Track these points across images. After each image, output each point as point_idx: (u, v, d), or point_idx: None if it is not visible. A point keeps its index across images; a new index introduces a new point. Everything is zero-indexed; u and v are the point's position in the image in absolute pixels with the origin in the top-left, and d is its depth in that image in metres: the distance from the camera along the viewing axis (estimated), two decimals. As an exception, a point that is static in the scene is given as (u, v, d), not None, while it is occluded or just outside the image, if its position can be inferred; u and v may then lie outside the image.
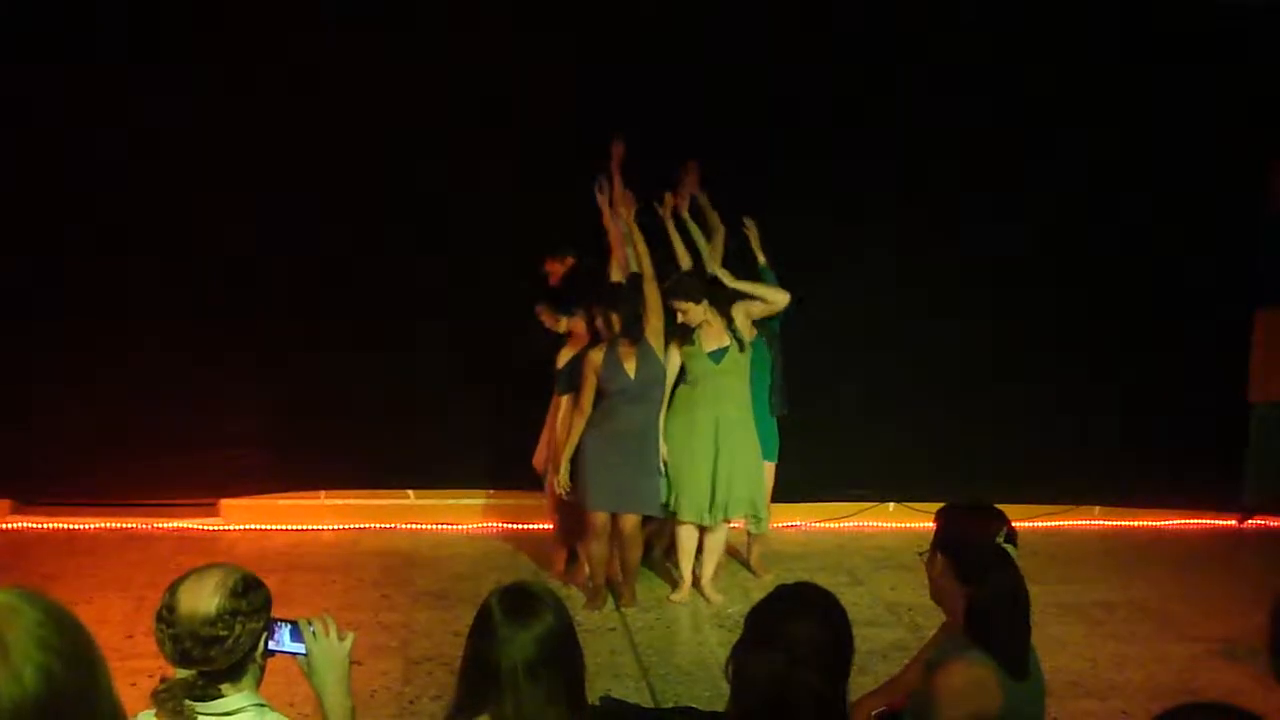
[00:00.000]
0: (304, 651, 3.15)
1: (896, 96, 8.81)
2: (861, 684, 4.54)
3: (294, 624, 3.16)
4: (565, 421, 7.68)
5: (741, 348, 7.56)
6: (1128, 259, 9.20)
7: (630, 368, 7.34)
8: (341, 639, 3.19)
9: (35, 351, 8.27)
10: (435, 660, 6.56)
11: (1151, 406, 9.26)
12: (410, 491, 9.06)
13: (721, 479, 7.52)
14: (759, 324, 7.72)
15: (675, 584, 7.82)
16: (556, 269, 8.02)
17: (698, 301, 7.44)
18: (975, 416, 9.12)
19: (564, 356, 7.81)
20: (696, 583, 7.81)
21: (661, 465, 7.57)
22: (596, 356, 7.40)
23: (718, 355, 7.51)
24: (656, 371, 7.41)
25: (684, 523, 7.63)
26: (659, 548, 8.18)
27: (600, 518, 7.46)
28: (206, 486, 8.78)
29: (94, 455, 8.45)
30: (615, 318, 7.27)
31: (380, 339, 8.56)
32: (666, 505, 7.62)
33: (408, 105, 8.33)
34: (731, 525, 7.85)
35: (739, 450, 7.56)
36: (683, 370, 7.61)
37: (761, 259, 8.01)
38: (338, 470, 8.86)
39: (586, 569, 7.72)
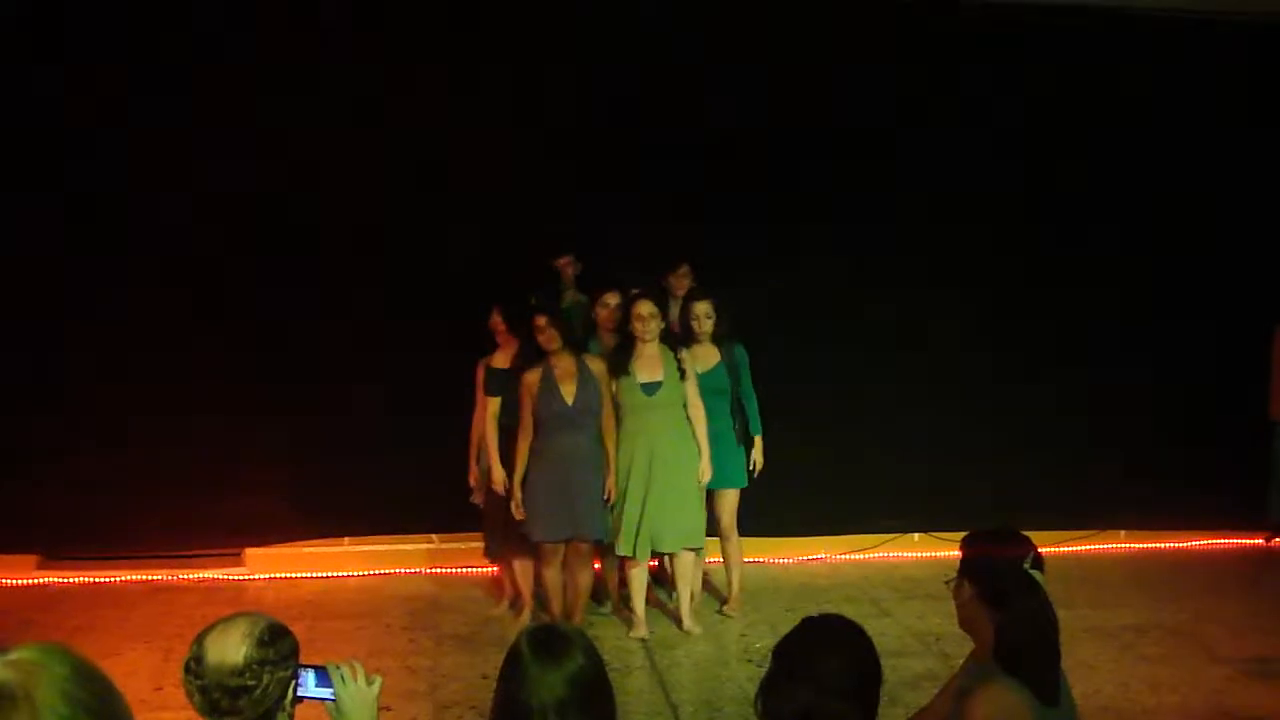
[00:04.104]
0: (332, 697, 3.14)
1: (895, 108, 8.86)
2: (892, 715, 4.52)
3: (322, 669, 3.16)
4: (483, 427, 7.75)
5: (683, 376, 7.52)
6: (1149, 282, 9.21)
7: (568, 392, 7.31)
8: (370, 683, 3.18)
9: (57, 406, 8.29)
10: (464, 704, 6.54)
11: (1175, 427, 9.23)
12: (434, 535, 9.06)
13: (650, 513, 7.47)
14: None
15: (677, 620, 7.82)
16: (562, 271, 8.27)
17: (661, 319, 7.48)
18: (999, 444, 9.10)
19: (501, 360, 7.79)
20: (676, 617, 7.85)
21: (608, 494, 7.53)
22: (532, 379, 7.35)
23: (651, 388, 7.48)
24: (594, 400, 7.35)
25: (621, 556, 7.63)
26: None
27: (550, 547, 7.45)
28: (231, 536, 8.79)
29: (118, 508, 8.45)
30: (555, 333, 7.26)
31: (401, 388, 8.55)
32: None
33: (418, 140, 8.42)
34: (709, 561, 7.89)
35: (672, 483, 7.50)
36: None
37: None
38: (361, 516, 8.87)
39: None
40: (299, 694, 3.11)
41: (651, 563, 7.86)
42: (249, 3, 8.32)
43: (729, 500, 7.97)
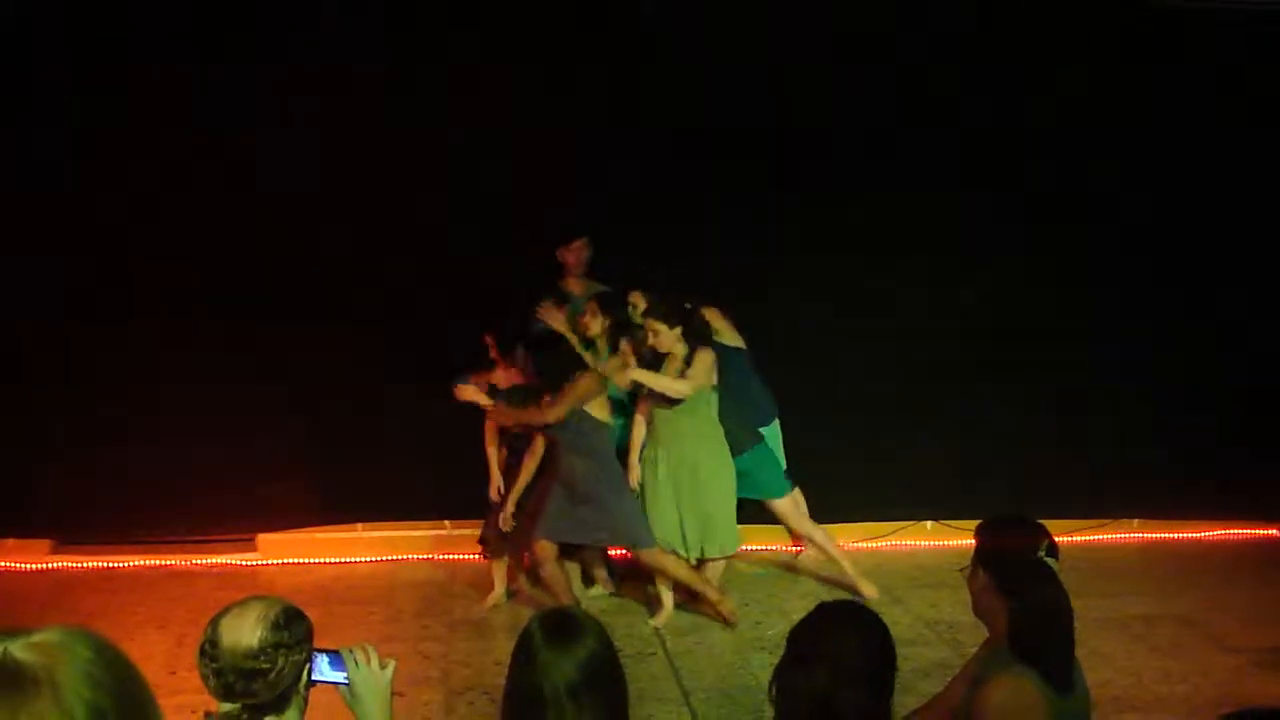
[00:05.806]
0: (346, 681, 3.15)
1: (896, 105, 8.82)
2: (905, 703, 4.51)
3: (336, 653, 3.17)
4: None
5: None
6: (1161, 273, 9.16)
7: None
8: (383, 667, 3.20)
9: (71, 392, 8.32)
10: (477, 689, 6.56)
11: (1189, 417, 9.19)
12: (447, 522, 9.06)
13: (690, 519, 7.50)
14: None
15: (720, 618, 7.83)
16: (569, 259, 8.29)
17: (672, 326, 7.38)
18: (1012, 432, 9.06)
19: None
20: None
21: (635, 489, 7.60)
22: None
23: None
24: (586, 423, 7.31)
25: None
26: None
27: (545, 545, 7.45)
28: (244, 522, 8.82)
29: (131, 493, 8.48)
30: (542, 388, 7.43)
31: (413, 373, 8.54)
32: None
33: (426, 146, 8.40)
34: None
35: (704, 487, 7.50)
36: None
37: None
38: (374, 503, 8.88)
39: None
40: (313, 677, 3.13)
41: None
42: (251, 4, 8.32)
43: (779, 507, 8.03)
